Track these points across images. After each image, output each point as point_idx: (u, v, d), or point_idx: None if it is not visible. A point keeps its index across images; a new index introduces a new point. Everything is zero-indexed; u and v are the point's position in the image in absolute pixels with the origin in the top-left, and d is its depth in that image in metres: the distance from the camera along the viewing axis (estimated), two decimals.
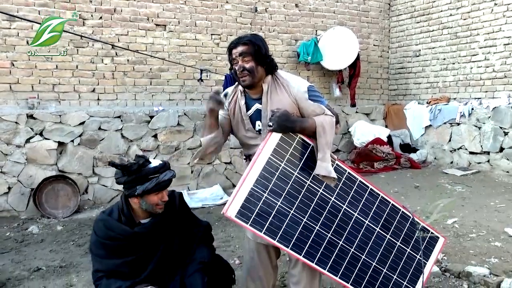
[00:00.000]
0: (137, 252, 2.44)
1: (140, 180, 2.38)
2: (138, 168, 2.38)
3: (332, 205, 2.50)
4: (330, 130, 2.41)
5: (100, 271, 2.43)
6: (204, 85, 7.25)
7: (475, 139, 7.58)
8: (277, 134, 2.39)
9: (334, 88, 8.60)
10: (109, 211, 2.55)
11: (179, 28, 7.16)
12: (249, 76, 2.42)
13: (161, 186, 2.42)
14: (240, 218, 2.28)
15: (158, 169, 2.42)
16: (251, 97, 2.55)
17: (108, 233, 2.44)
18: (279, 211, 2.36)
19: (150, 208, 2.45)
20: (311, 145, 2.47)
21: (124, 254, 2.43)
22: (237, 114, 2.57)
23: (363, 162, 8.08)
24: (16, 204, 5.80)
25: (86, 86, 6.53)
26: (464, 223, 4.83)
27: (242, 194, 2.30)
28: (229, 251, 4.33)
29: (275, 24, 8.03)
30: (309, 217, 2.43)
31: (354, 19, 8.90)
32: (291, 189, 2.40)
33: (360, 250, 2.56)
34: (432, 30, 8.59)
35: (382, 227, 2.64)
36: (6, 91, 6.03)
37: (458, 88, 8.18)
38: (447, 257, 3.88)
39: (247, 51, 2.41)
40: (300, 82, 2.52)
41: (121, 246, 2.43)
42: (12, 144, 5.76)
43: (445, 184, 6.69)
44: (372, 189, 2.64)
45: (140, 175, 2.38)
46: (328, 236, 2.47)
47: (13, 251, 4.54)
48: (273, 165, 2.37)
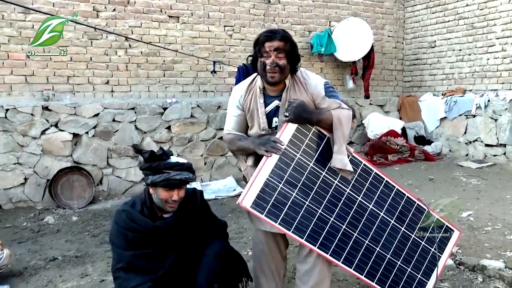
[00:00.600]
0: (157, 246, 2.46)
1: (153, 171, 2.40)
2: (152, 157, 2.39)
3: (347, 196, 2.49)
4: (346, 123, 2.40)
5: (119, 262, 2.46)
6: (217, 76, 7.24)
7: (491, 131, 7.48)
8: (293, 125, 2.38)
9: (348, 79, 8.53)
10: (132, 202, 2.57)
11: (192, 19, 7.15)
12: (279, 73, 2.40)
13: (170, 184, 2.41)
14: (256, 208, 2.28)
15: (171, 166, 2.43)
16: (269, 95, 2.53)
17: (130, 224, 2.46)
18: (294, 202, 2.36)
19: (160, 204, 2.46)
20: (327, 136, 2.46)
21: (143, 246, 2.45)
22: (254, 111, 2.54)
23: (377, 154, 8.02)
24: (32, 195, 5.88)
25: (100, 78, 6.57)
26: (479, 216, 4.78)
27: (258, 184, 2.30)
28: (241, 243, 4.34)
29: (289, 15, 7.98)
30: (324, 208, 2.42)
31: (369, 9, 8.80)
32: (307, 180, 2.40)
33: (374, 242, 2.55)
34: (448, 21, 8.46)
35: (397, 220, 2.63)
36: (21, 83, 6.09)
37: (474, 79, 8.06)
38: (462, 250, 3.85)
39: (283, 47, 2.39)
40: (317, 79, 2.54)
41: (141, 238, 2.45)
42: (28, 135, 5.83)
43: (460, 177, 6.62)
44: (387, 181, 2.63)
45: (154, 166, 2.40)
46: (343, 227, 2.47)
47: (29, 241, 4.61)
48: (288, 155, 2.36)
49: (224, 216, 5.20)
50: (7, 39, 5.97)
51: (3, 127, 5.71)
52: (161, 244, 2.47)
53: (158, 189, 2.43)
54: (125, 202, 2.63)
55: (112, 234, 2.53)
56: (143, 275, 2.41)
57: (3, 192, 5.75)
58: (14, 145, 5.77)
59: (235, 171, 7.08)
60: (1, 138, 5.70)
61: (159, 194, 2.44)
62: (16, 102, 5.91)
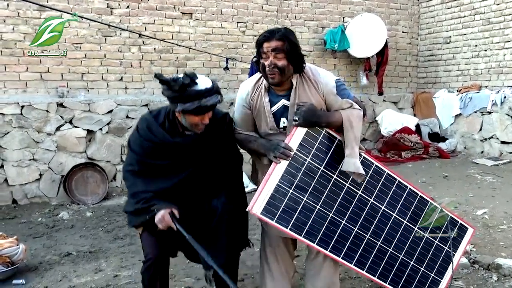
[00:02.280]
0: (171, 159, 2.47)
1: (182, 99, 2.32)
2: (181, 87, 2.30)
3: (359, 199, 2.47)
4: (357, 124, 2.36)
5: (130, 165, 2.54)
6: (230, 73, 7.24)
7: (507, 128, 7.37)
8: (302, 129, 2.35)
9: (361, 76, 8.47)
10: (156, 112, 2.57)
11: (205, 16, 7.15)
12: (279, 74, 2.32)
13: (202, 110, 2.35)
14: (266, 215, 2.26)
15: (202, 93, 2.32)
16: (276, 94, 2.47)
17: (148, 135, 2.48)
18: (305, 207, 2.33)
19: (189, 127, 2.44)
20: (337, 139, 2.43)
21: (158, 157, 2.47)
22: (260, 110, 2.48)
23: (390, 151, 7.97)
24: (47, 191, 5.95)
25: (114, 75, 6.61)
26: (494, 214, 4.73)
27: (268, 191, 2.27)
28: (254, 239, 4.32)
29: (302, 12, 7.94)
30: (336, 211, 2.40)
31: (383, 5, 8.72)
32: (317, 184, 2.37)
33: (387, 243, 2.53)
34: (463, 16, 8.35)
35: (410, 220, 2.60)
36: (37, 80, 6.16)
37: (490, 75, 7.95)
38: (476, 249, 3.81)
39: (281, 47, 2.29)
40: (327, 76, 2.45)
41: (156, 150, 2.47)
42: (43, 132, 5.90)
43: (475, 174, 6.54)
44: (400, 181, 2.60)
45: (183, 94, 2.31)
46: (355, 230, 2.45)
47: (44, 236, 4.67)
48: (298, 160, 2.34)
49: None
50: (22, 36, 6.03)
51: (19, 123, 5.79)
52: (176, 159, 2.46)
53: (189, 115, 2.38)
54: (150, 111, 2.65)
55: (131, 137, 2.59)
56: (150, 184, 2.45)
57: (19, 187, 5.83)
58: (30, 141, 5.84)
59: (248, 168, 7.02)
60: (17, 135, 5.78)
61: (190, 120, 2.40)
62: (31, 98, 5.97)
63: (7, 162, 5.77)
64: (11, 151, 5.77)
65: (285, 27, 2.45)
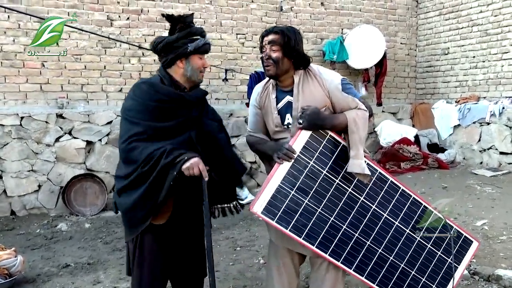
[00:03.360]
0: (176, 118, 2.38)
1: (190, 36, 2.37)
2: (189, 21, 2.37)
3: (361, 204, 2.46)
4: (363, 126, 2.37)
5: (135, 135, 2.29)
6: (229, 84, 7.27)
7: (506, 139, 7.38)
8: (306, 132, 2.36)
9: (360, 87, 8.50)
10: (149, 79, 2.51)
11: (205, 27, 7.08)
12: (273, 66, 2.38)
13: (207, 48, 2.43)
14: (266, 214, 2.28)
15: (202, 30, 2.44)
16: (282, 90, 2.50)
17: (152, 94, 2.36)
18: (306, 209, 2.34)
19: (195, 74, 2.42)
20: (341, 144, 2.44)
21: (163, 119, 2.35)
22: (267, 107, 2.52)
23: (390, 162, 7.96)
24: (46, 202, 5.93)
25: (114, 86, 6.63)
26: (494, 225, 4.71)
27: (269, 191, 2.29)
28: (253, 251, 4.33)
29: (301, 23, 7.99)
30: (337, 216, 2.40)
31: (381, 17, 8.79)
32: (319, 188, 2.38)
33: (388, 251, 2.52)
34: (461, 28, 8.40)
35: (412, 229, 2.60)
36: (36, 91, 6.18)
37: (488, 86, 7.98)
38: (476, 260, 3.79)
39: (276, 40, 2.37)
40: (333, 74, 2.48)
41: (163, 109, 2.36)
42: (42, 143, 5.90)
43: (474, 185, 6.54)
44: (403, 190, 2.59)
45: (190, 31, 2.37)
46: (356, 235, 2.44)
47: (42, 247, 4.65)
48: (301, 163, 2.35)
49: (236, 223, 5.20)
50: (22, 47, 6.06)
51: (18, 134, 5.79)
52: (180, 118, 2.39)
53: (193, 58, 2.39)
54: (141, 79, 2.56)
55: (128, 108, 2.38)
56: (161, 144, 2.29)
57: (17, 199, 5.82)
58: (29, 152, 5.84)
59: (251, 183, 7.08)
60: (16, 146, 5.77)
61: (195, 63, 2.40)
62: (31, 109, 5.99)
63: (6, 173, 5.76)
64: (10, 162, 5.76)
65: (291, 26, 2.53)
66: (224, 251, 4.36)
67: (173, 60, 2.38)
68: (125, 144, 2.31)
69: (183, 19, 2.36)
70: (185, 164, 2.21)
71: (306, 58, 2.45)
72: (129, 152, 2.30)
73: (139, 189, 2.28)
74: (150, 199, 2.28)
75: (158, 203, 2.27)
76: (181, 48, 2.35)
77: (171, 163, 2.22)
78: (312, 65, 2.50)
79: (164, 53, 2.39)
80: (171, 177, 2.23)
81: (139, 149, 2.27)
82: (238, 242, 4.62)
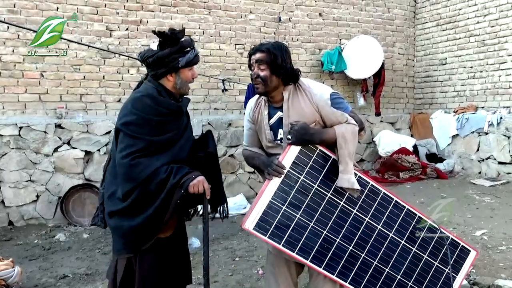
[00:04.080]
0: (174, 129, 2.42)
1: (181, 51, 2.39)
2: (180, 38, 2.37)
3: (354, 217, 2.46)
4: (352, 140, 2.36)
5: (137, 151, 2.28)
6: (228, 94, 7.29)
7: (504, 149, 7.40)
8: (296, 147, 2.37)
9: (359, 97, 8.54)
10: (144, 90, 2.43)
11: (204, 38, 7.23)
12: (262, 84, 2.40)
13: (197, 60, 2.46)
14: (258, 230, 2.28)
15: (190, 41, 2.44)
16: (273, 106, 2.52)
17: (155, 108, 2.36)
18: (298, 224, 2.34)
19: (184, 86, 2.45)
20: (331, 158, 2.44)
21: (163, 132, 2.36)
22: (260, 123, 2.54)
23: (388, 172, 7.97)
24: (44, 212, 5.91)
25: (113, 96, 6.65)
26: (493, 235, 4.71)
27: (260, 206, 2.30)
28: (252, 261, 4.32)
29: (299, 34, 8.03)
30: (330, 229, 2.40)
31: (379, 27, 8.84)
32: (311, 202, 2.38)
33: (383, 263, 2.51)
34: (458, 38, 8.46)
35: (407, 240, 2.59)
36: (35, 101, 6.18)
37: (486, 96, 8.02)
38: (476, 270, 3.79)
39: (263, 58, 2.39)
40: (322, 88, 2.48)
41: (165, 122, 2.38)
42: (40, 153, 5.90)
43: (473, 195, 6.54)
44: (397, 201, 2.59)
45: (181, 46, 2.39)
46: (350, 248, 2.44)
47: (40, 258, 4.63)
48: (292, 178, 2.36)
49: (235, 234, 5.19)
50: (22, 58, 6.08)
51: (17, 144, 5.79)
52: (176, 128, 2.44)
53: (183, 71, 2.41)
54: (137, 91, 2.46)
55: (128, 121, 2.32)
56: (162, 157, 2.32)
57: (16, 209, 5.80)
58: (27, 162, 5.83)
59: (246, 189, 7.07)
60: (15, 156, 5.77)
61: (185, 76, 2.44)
62: (29, 119, 5.99)
63: (4, 183, 5.75)
64: (8, 172, 5.75)
65: (277, 42, 2.54)
66: (223, 262, 4.35)
67: (163, 74, 2.40)
68: (127, 160, 2.27)
69: (174, 35, 2.35)
70: (194, 179, 2.29)
71: (294, 73, 2.45)
72: (131, 168, 2.27)
73: (146, 211, 2.28)
74: (157, 219, 2.30)
75: (164, 222, 2.31)
76: (172, 63, 2.37)
77: (178, 183, 2.27)
78: (302, 79, 2.50)
79: (154, 66, 2.40)
80: (178, 196, 2.27)
81: (141, 166, 2.26)
82: (237, 252, 4.61)
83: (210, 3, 7.24)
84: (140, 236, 2.33)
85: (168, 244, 2.45)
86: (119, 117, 2.40)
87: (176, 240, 2.52)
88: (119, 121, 2.38)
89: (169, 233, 2.45)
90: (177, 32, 2.36)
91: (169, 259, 2.48)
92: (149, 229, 2.31)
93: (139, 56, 2.48)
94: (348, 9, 8.49)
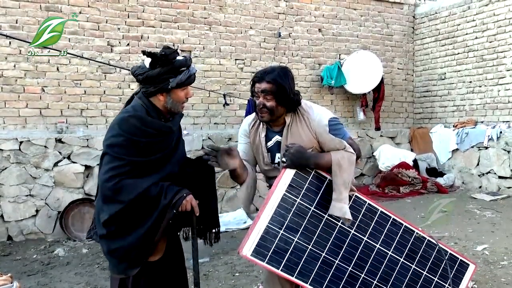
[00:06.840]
0: (163, 150, 2.34)
1: (173, 72, 2.27)
2: (172, 58, 2.26)
3: (352, 238, 2.45)
4: (348, 168, 2.35)
5: (123, 174, 2.22)
6: (228, 109, 7.32)
7: (504, 163, 7.40)
8: (291, 170, 2.36)
9: (358, 111, 8.56)
10: (132, 110, 2.33)
11: (204, 53, 7.28)
12: (268, 114, 2.39)
13: (191, 80, 2.34)
14: (256, 256, 2.25)
15: (187, 61, 2.32)
16: (272, 129, 2.52)
17: (142, 129, 2.28)
18: (297, 247, 2.33)
19: (175, 106, 2.35)
20: (327, 179, 2.43)
21: (153, 152, 2.31)
22: (258, 144, 2.54)
23: (389, 186, 7.95)
24: (43, 227, 5.89)
25: (113, 111, 6.66)
26: (495, 249, 4.68)
27: (257, 232, 2.28)
28: (252, 276, 4.29)
29: (299, 49, 8.09)
30: (328, 251, 2.39)
31: (378, 43, 8.90)
32: (308, 224, 2.37)
33: (383, 281, 2.50)
34: (457, 53, 8.51)
35: (406, 257, 2.58)
36: (36, 116, 6.20)
37: (485, 111, 8.04)
38: (477, 285, 3.76)
39: (270, 89, 2.35)
40: (321, 114, 2.45)
41: (153, 143, 2.31)
42: (40, 167, 5.89)
43: (473, 210, 6.52)
44: (394, 219, 2.58)
45: (173, 66, 2.27)
46: (349, 269, 2.43)
47: (39, 273, 4.60)
48: (288, 201, 2.35)
49: (234, 248, 5.15)
50: (23, 73, 6.12)
51: (17, 159, 5.79)
52: (165, 149, 2.36)
53: (174, 92, 2.30)
54: (125, 110, 2.36)
55: (113, 143, 2.26)
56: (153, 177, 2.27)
57: (15, 224, 5.78)
58: (27, 177, 5.83)
59: None
60: (14, 170, 5.77)
61: (176, 97, 2.32)
62: (30, 134, 6.00)
63: (4, 198, 5.73)
64: (8, 186, 5.74)
65: (281, 67, 2.48)
66: (223, 277, 4.32)
67: (154, 93, 2.32)
68: (111, 183, 2.22)
69: (165, 57, 2.24)
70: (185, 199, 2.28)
71: (297, 100, 2.43)
72: (116, 192, 2.22)
73: (136, 232, 2.26)
74: (148, 239, 2.27)
75: (155, 242, 2.29)
76: (163, 83, 2.28)
77: (170, 203, 2.25)
78: (302, 101, 2.48)
79: (145, 84, 2.33)
80: (169, 216, 2.26)
81: (128, 188, 2.21)
82: (237, 267, 4.58)
83: (210, 19, 7.31)
84: (129, 258, 2.29)
85: (159, 267, 2.41)
86: (105, 138, 2.34)
87: (168, 262, 2.47)
88: (105, 142, 2.32)
89: (158, 256, 2.39)
90: (168, 53, 2.25)
91: (162, 282, 2.44)
92: (138, 250, 2.27)
93: (131, 71, 2.40)
94: (347, 24, 8.56)
